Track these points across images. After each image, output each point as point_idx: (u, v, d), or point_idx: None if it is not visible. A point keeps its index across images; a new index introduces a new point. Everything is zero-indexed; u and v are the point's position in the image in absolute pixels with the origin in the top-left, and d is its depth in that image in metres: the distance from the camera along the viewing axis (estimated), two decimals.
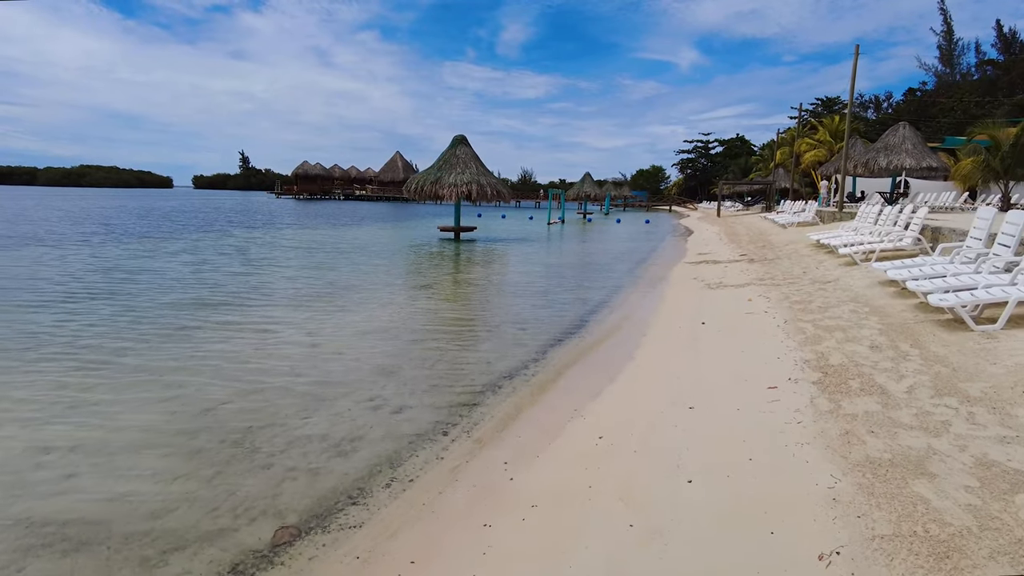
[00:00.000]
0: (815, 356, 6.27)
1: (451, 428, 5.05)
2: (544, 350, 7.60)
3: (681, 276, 14.92)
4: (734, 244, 21.99)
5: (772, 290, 10.98)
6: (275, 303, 10.23)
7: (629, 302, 11.44)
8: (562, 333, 8.59)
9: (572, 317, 9.78)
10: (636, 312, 10.62)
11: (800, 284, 11.30)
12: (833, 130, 46.43)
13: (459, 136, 25.39)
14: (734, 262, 16.24)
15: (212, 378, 6.23)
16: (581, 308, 10.62)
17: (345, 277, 13.48)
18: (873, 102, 76.62)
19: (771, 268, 14.10)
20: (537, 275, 15.45)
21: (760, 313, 9.06)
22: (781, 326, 7.89)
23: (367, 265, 15.91)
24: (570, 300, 11.48)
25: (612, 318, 9.91)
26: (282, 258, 16.73)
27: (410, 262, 17.65)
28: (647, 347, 7.71)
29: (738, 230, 29.75)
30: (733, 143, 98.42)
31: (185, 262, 14.99)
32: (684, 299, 11.45)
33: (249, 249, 18.73)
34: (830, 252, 15.42)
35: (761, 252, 17.86)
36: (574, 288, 13.16)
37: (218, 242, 20.86)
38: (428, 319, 9.58)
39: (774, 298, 10.13)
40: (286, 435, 4.82)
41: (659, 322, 9.27)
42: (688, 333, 8.23)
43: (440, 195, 24.04)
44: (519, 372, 6.64)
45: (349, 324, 8.80)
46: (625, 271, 16.59)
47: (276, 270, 14.11)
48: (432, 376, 6.48)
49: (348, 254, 18.46)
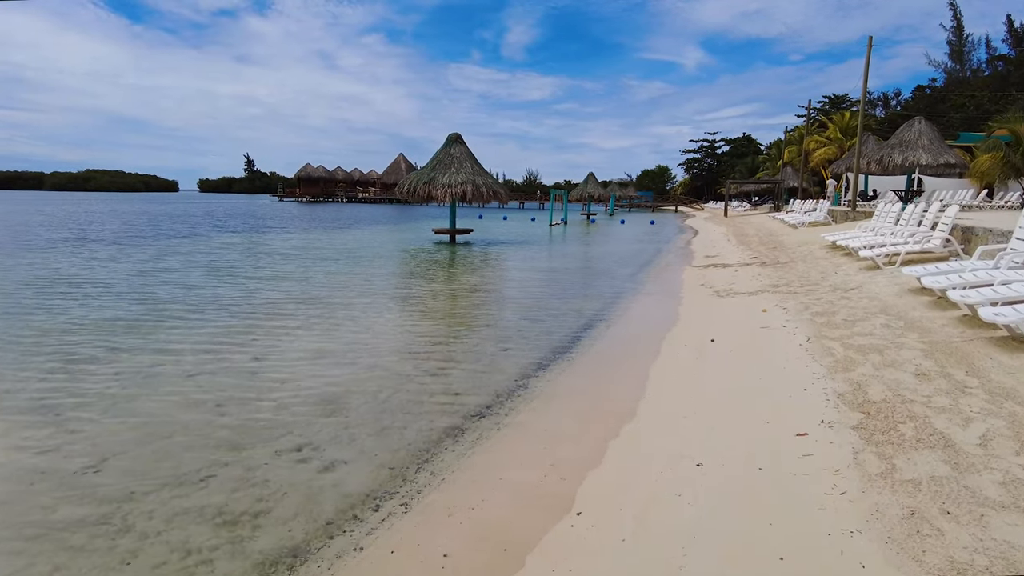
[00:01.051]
0: (850, 387, 5.12)
1: (387, 498, 3.90)
2: (525, 378, 6.42)
3: (687, 282, 13.76)
4: (743, 246, 20.79)
5: (789, 299, 9.82)
6: (223, 320, 8.96)
7: (628, 314, 10.27)
8: (549, 354, 7.40)
9: (563, 333, 8.60)
10: (635, 326, 9.46)
11: (819, 291, 10.13)
12: (843, 126, 45.08)
13: (453, 134, 24.24)
14: (744, 266, 15.07)
15: (99, 420, 5.10)
16: (575, 322, 9.44)
17: (315, 288, 12.14)
18: (882, 100, 75.17)
19: (785, 273, 12.92)
20: (531, 282, 14.27)
21: (777, 327, 7.90)
22: (804, 345, 6.74)
23: (344, 273, 14.60)
24: (563, 312, 10.30)
25: (608, 334, 8.76)
26: (251, 266, 15.35)
27: (393, 269, 16.36)
28: (645, 373, 6.55)
29: (747, 231, 28.53)
30: (739, 142, 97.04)
31: (140, 271, 13.76)
32: (690, 310, 10.30)
33: (221, 256, 17.42)
34: (848, 254, 14.26)
35: (773, 254, 16.68)
36: (569, 297, 11.97)
37: (192, 248, 19.58)
38: (397, 337, 8.37)
39: (792, 309, 8.97)
40: (165, 510, 3.68)
41: (660, 339, 8.11)
42: (695, 354, 7.07)
43: (434, 196, 22.91)
44: (491, 410, 5.47)
45: (303, 345, 7.63)
46: (626, 276, 15.41)
47: (240, 280, 12.80)
48: (383, 414, 5.34)
49: (328, 261, 17.16)
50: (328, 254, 18.96)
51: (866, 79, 26.04)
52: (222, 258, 17.02)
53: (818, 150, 46.13)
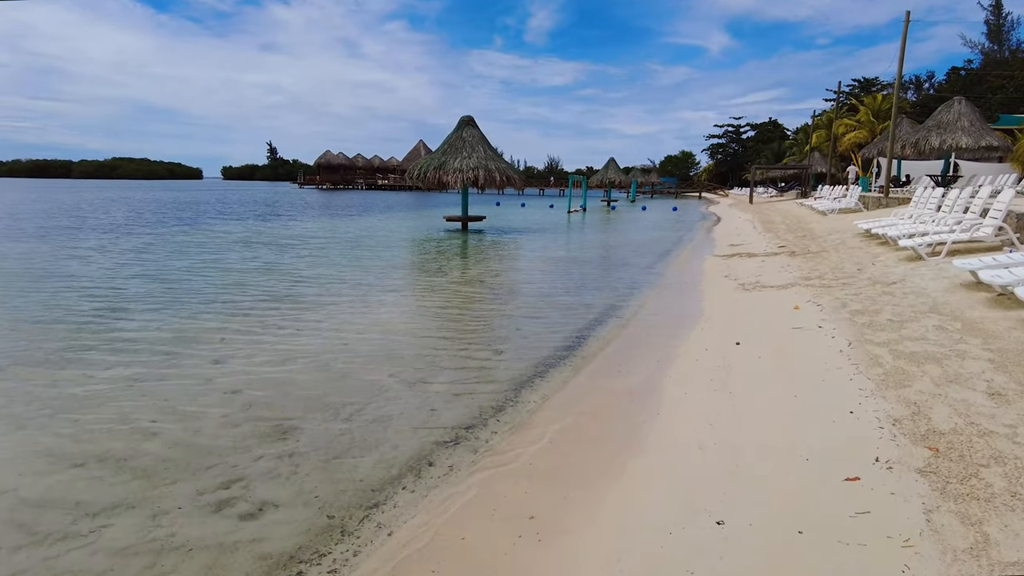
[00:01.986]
0: (907, 410, 4.16)
1: (314, 562, 3.02)
2: (517, 390, 5.50)
3: (710, 273, 12.74)
4: (770, 234, 19.64)
5: (823, 294, 8.80)
6: (187, 318, 8.07)
7: (643, 310, 9.30)
8: (548, 360, 6.47)
9: (568, 333, 7.67)
10: (650, 325, 8.48)
11: (857, 285, 9.09)
12: (875, 109, 43.26)
13: (466, 117, 23.25)
14: (772, 255, 13.99)
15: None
16: (582, 319, 8.51)
17: (302, 282, 11.21)
18: (914, 82, 72.44)
19: (817, 263, 11.85)
20: (540, 273, 13.33)
21: (812, 328, 6.91)
22: (845, 351, 5.76)
23: (339, 265, 13.54)
24: (572, 307, 9.37)
25: (619, 335, 7.80)
26: (240, 258, 14.30)
27: (394, 260, 15.38)
28: (657, 387, 5.62)
29: (773, 218, 27.26)
30: (765, 127, 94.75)
31: (117, 263, 12.86)
32: (713, 306, 9.31)
33: (211, 247, 16.50)
34: (884, 243, 13.15)
35: (802, 243, 15.56)
36: (580, 289, 11.03)
37: (185, 238, 18.66)
38: (380, 339, 7.42)
39: (828, 305, 7.96)
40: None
41: (678, 342, 7.15)
42: (718, 361, 6.12)
43: (445, 182, 22.00)
44: (471, 434, 4.57)
45: (272, 348, 6.77)
46: (644, 267, 14.41)
47: (222, 274, 11.87)
48: (340, 437, 4.48)
49: (326, 251, 16.19)
50: (329, 244, 18.12)
51: (902, 56, 24.61)
52: (212, 249, 16.16)
53: (848, 134, 44.39)
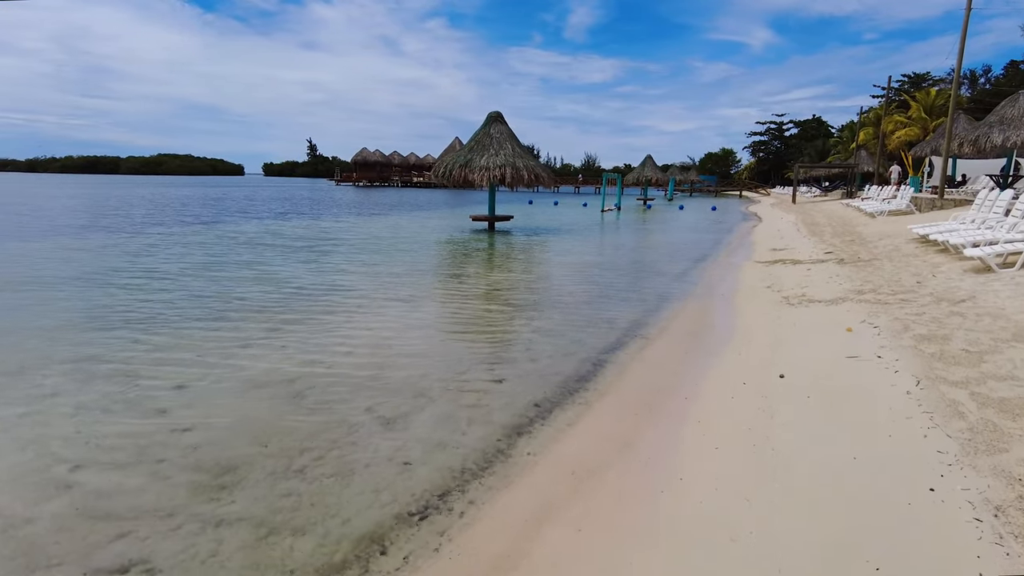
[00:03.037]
0: (1012, 492, 3.15)
1: None
2: (511, 436, 4.58)
3: (750, 283, 11.64)
4: (815, 237, 18.33)
5: (879, 312, 7.69)
6: (161, 332, 7.22)
7: (672, 328, 8.27)
8: (554, 395, 5.51)
9: (583, 356, 6.72)
10: (677, 347, 7.45)
11: (918, 302, 7.95)
12: (928, 105, 41.12)
13: (494, 113, 22.36)
14: (818, 263, 12.81)
15: None
16: (602, 338, 7.55)
17: (294, 294, 10.07)
18: (968, 77, 69.14)
19: (870, 274, 10.68)
20: (563, 281, 12.35)
21: (870, 358, 5.86)
22: (913, 393, 4.72)
23: (342, 272, 12.55)
24: (592, 322, 8.40)
25: (641, 359, 6.83)
26: (241, 261, 13.40)
27: (407, 264, 14.14)
28: (680, 439, 4.65)
29: (818, 219, 25.80)
30: (809, 124, 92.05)
31: (111, 268, 12.03)
32: (752, 323, 8.25)
33: (216, 248, 15.66)
34: (943, 251, 11.91)
35: (851, 249, 14.31)
36: (603, 301, 10.02)
37: (195, 238, 17.84)
38: (368, 361, 6.54)
39: (886, 327, 6.87)
40: None
41: (710, 371, 6.16)
42: (758, 402, 5.11)
43: (470, 180, 21.15)
44: (440, 505, 3.61)
45: (242, 370, 5.92)
46: (676, 274, 13.33)
47: (214, 278, 11.12)
48: (282, 506, 3.56)
49: (335, 253, 15.22)
50: (340, 245, 17.28)
51: (962, 47, 22.95)
52: (213, 250, 15.24)
53: (898, 131, 42.34)
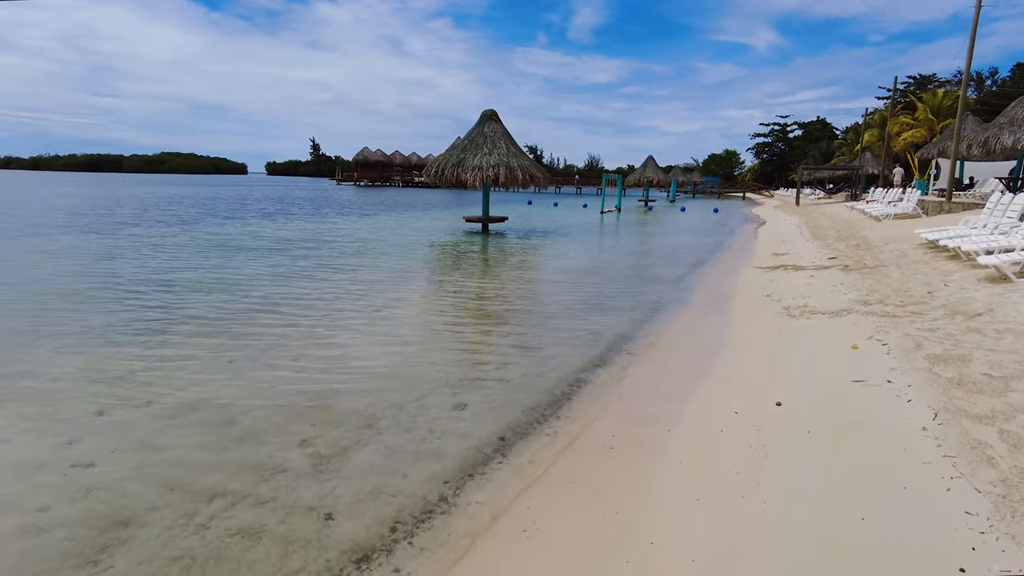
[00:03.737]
0: None
1: None
2: (460, 482, 3.92)
3: (748, 291, 11.01)
4: (819, 241, 17.69)
5: (888, 326, 7.06)
6: (79, 352, 6.49)
7: (662, 342, 7.61)
8: (519, 426, 4.83)
9: (559, 376, 6.06)
10: (665, 365, 6.81)
11: (930, 315, 7.32)
12: (935, 106, 40.28)
13: (488, 111, 21.74)
14: (822, 269, 12.17)
15: None
16: (583, 353, 6.89)
17: (257, 304, 9.10)
18: (975, 79, 68.22)
19: (876, 282, 10.04)
20: (552, 286, 11.70)
21: (879, 382, 5.23)
22: (931, 430, 4.10)
23: (315, 278, 11.51)
24: (575, 335, 7.73)
25: (623, 380, 6.19)
26: (201, 267, 12.20)
27: (387, 269, 13.28)
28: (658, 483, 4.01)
29: (822, 222, 25.14)
30: (813, 126, 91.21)
31: (63, 272, 11.15)
32: (748, 338, 7.61)
33: (187, 250, 14.64)
34: (954, 257, 11.28)
35: (856, 254, 13.67)
36: (591, 311, 9.33)
37: (170, 239, 16.87)
38: (317, 383, 5.72)
39: (896, 345, 6.24)
40: None
41: (699, 396, 5.52)
42: (749, 436, 4.48)
43: (463, 180, 20.53)
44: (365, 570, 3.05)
45: (178, 392, 5.24)
46: (672, 280, 12.68)
47: (158, 289, 9.94)
48: (169, 568, 2.98)
49: (317, 257, 14.26)
50: (323, 248, 16.39)
51: (972, 46, 22.24)
52: (184, 253, 14.12)
53: (904, 133, 41.55)
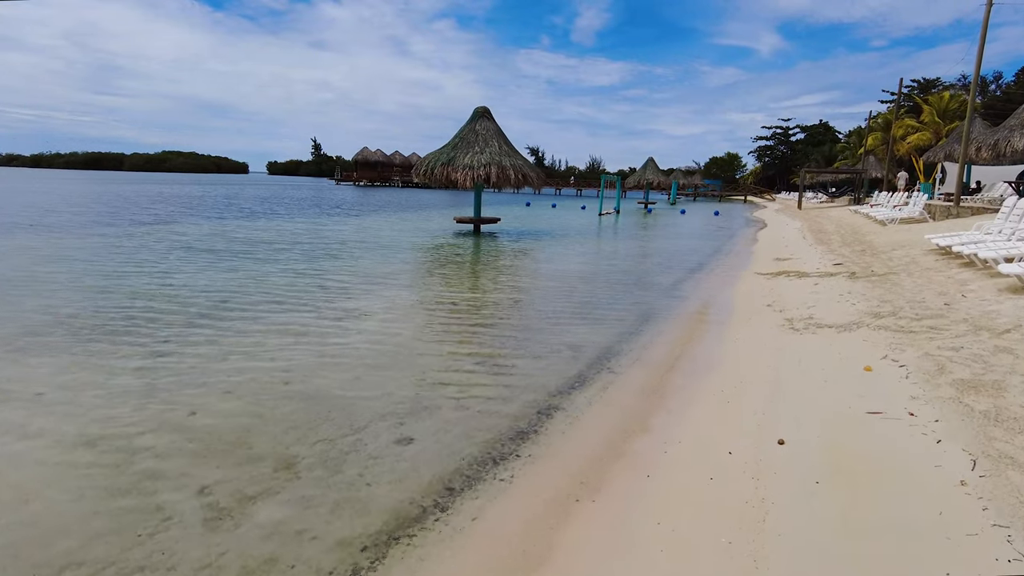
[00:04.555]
0: None
1: None
2: (381, 549, 3.10)
3: (748, 300, 10.22)
4: (823, 246, 16.91)
5: (904, 343, 6.27)
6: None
7: (647, 359, 6.74)
8: (470, 467, 4.01)
9: (525, 402, 5.19)
10: (649, 389, 5.91)
11: (951, 330, 6.53)
12: (941, 109, 39.50)
13: (480, 108, 20.96)
14: (827, 276, 11.38)
15: None
16: (558, 373, 6.04)
17: (205, 313, 8.17)
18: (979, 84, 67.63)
19: (887, 291, 9.25)
20: (538, 293, 10.87)
21: (899, 415, 4.45)
22: (971, 484, 3.31)
23: (276, 284, 10.47)
24: (554, 350, 6.89)
25: (597, 408, 5.38)
26: (158, 271, 11.19)
27: (362, 272, 12.26)
28: (629, 560, 3.22)
29: (825, 226, 24.35)
30: (815, 129, 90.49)
31: None
32: (747, 358, 6.78)
33: (146, 251, 13.75)
34: (967, 264, 10.51)
35: (863, 260, 12.89)
36: (575, 320, 8.47)
37: (135, 240, 16.01)
38: (227, 421, 4.77)
39: (915, 366, 5.45)
40: None
41: (688, 430, 4.72)
42: (745, 491, 3.67)
43: (453, 179, 19.75)
44: None
45: (70, 427, 4.43)
46: (666, 287, 11.86)
47: (98, 294, 9.16)
48: None
49: (285, 261, 13.12)
50: (294, 251, 15.32)
51: (982, 45, 21.46)
52: (141, 255, 13.03)
53: (909, 136, 40.78)
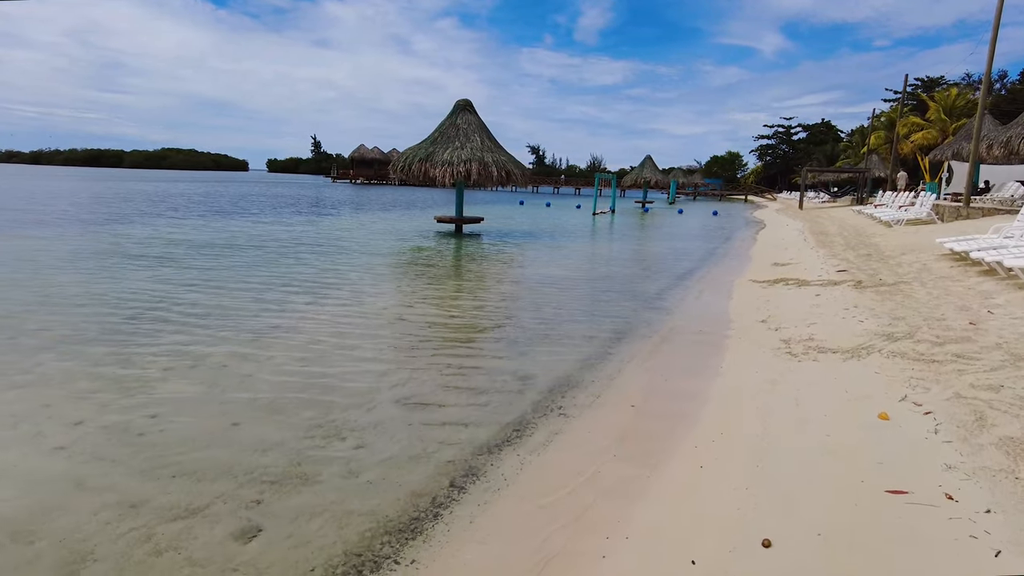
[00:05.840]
0: None
1: None
2: None
3: (739, 314, 8.99)
4: (825, 249, 15.68)
5: (927, 377, 5.05)
6: None
7: (608, 398, 5.46)
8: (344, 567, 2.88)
9: (442, 464, 3.92)
10: (599, 451, 4.49)
11: (984, 359, 5.32)
12: (948, 106, 38.20)
13: (462, 101, 19.66)
14: (830, 285, 10.16)
15: None
16: (494, 420, 4.73)
17: (115, 326, 7.07)
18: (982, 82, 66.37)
19: (899, 304, 8.03)
20: (500, 304, 9.45)
21: (936, 501, 3.23)
22: None
23: (203, 290, 9.30)
24: (495, 383, 5.60)
25: (533, 472, 4.13)
26: (70, 281, 9.86)
27: (316, 279, 10.86)
28: None
29: (827, 228, 23.12)
30: (818, 128, 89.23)
31: None
32: (731, 397, 5.50)
33: (86, 253, 12.72)
34: (987, 272, 9.34)
35: (869, 266, 11.67)
36: (535, 342, 7.09)
37: (70, 243, 15.00)
38: (119, 457, 3.99)
39: (944, 414, 4.25)
40: None
41: (641, 517, 3.49)
42: None
43: (432, 176, 18.51)
44: None
45: None
46: (650, 296, 10.59)
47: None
48: None
49: (229, 268, 11.67)
50: (248, 252, 14.01)
51: (994, 39, 20.25)
52: (73, 261, 11.80)
53: (913, 135, 39.53)
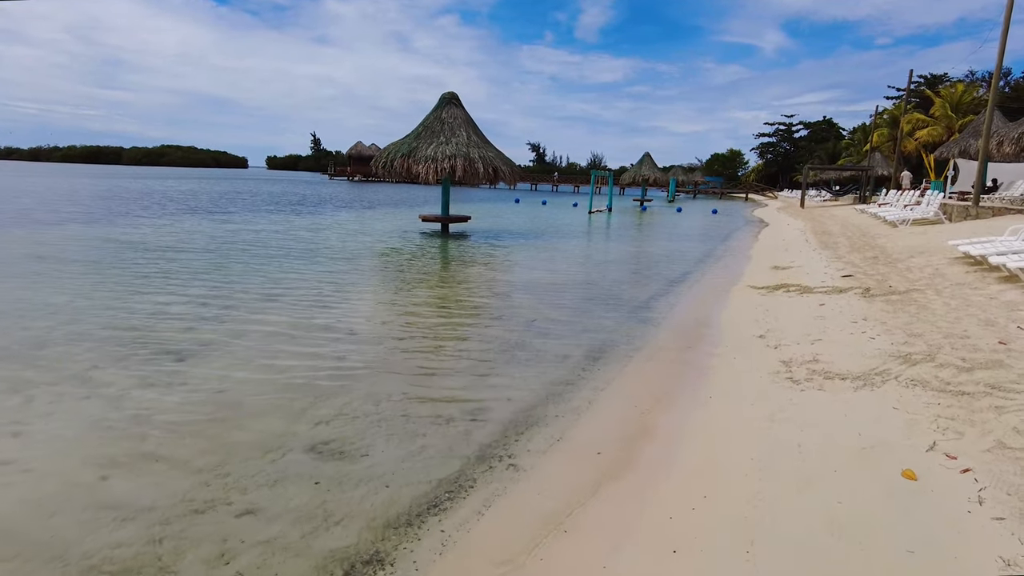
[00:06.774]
0: None
1: None
2: None
3: (734, 327, 8.09)
4: (828, 251, 14.75)
5: (958, 416, 4.15)
6: None
7: (573, 438, 4.49)
8: None
9: (351, 540, 3.12)
10: (554, 529, 3.55)
11: (1022, 389, 4.41)
12: (954, 102, 37.18)
13: (448, 94, 18.72)
14: (835, 292, 9.25)
15: None
16: (430, 469, 3.88)
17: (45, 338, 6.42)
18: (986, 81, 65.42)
19: (913, 317, 7.11)
20: (469, 317, 8.42)
21: None
22: None
23: (136, 298, 8.50)
24: (443, 415, 4.73)
25: (461, 552, 3.25)
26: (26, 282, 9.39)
27: (258, 291, 9.53)
28: None
29: (830, 227, 22.18)
30: (819, 126, 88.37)
31: None
32: (724, 442, 4.57)
33: (41, 254, 12.08)
34: (1008, 278, 8.49)
35: (877, 271, 10.75)
36: (497, 363, 6.20)
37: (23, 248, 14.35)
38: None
39: (987, 473, 3.33)
40: None
41: None
42: None
43: (415, 172, 17.59)
44: None
45: None
46: (636, 306, 9.64)
47: None
48: None
49: (187, 273, 10.74)
50: (213, 255, 13.00)
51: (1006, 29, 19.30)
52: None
53: (918, 131, 38.59)
